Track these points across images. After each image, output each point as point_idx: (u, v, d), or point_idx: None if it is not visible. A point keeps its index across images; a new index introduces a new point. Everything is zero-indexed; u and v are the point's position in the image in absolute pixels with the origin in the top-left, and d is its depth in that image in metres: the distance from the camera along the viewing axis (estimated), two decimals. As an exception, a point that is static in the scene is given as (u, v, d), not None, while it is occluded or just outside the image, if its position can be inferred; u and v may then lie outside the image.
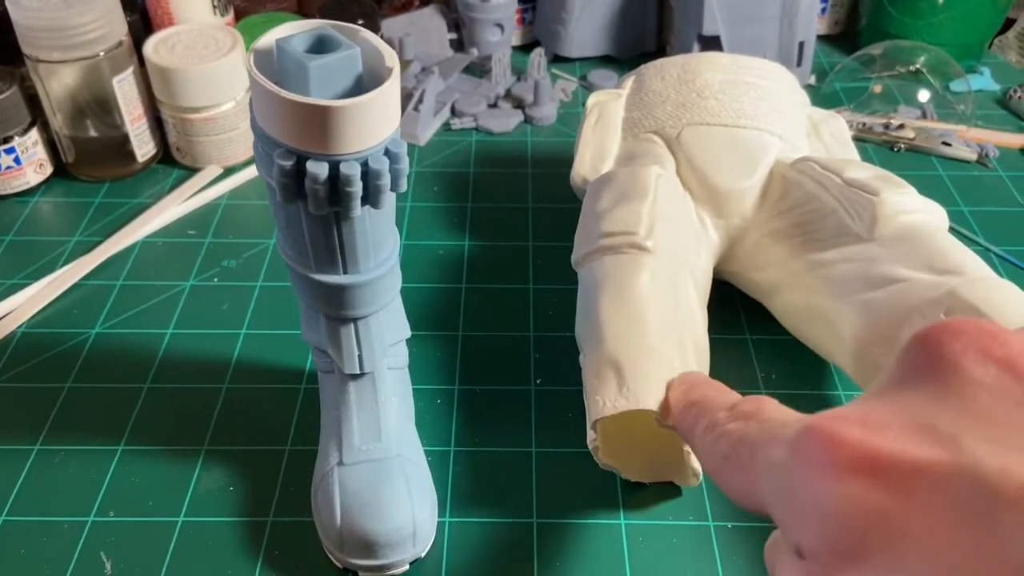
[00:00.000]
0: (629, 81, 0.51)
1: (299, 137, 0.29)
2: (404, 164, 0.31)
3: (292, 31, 0.30)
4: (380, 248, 0.35)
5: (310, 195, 0.30)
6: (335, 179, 0.30)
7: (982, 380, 0.16)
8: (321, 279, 0.34)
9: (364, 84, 0.30)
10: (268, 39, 0.30)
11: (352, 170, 0.29)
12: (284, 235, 0.35)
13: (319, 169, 0.29)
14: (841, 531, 0.16)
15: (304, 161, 0.29)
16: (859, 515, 0.16)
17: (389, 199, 0.32)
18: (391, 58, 0.30)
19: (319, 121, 0.28)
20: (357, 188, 0.30)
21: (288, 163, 0.29)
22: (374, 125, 0.29)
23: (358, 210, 0.31)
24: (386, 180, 0.31)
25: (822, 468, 0.16)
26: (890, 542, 0.15)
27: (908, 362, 0.18)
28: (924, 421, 0.16)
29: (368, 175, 0.30)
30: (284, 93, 0.28)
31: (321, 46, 0.30)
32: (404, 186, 0.32)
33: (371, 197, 0.31)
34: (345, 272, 0.34)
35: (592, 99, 0.51)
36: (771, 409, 0.22)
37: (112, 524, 0.38)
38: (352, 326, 0.36)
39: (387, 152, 0.31)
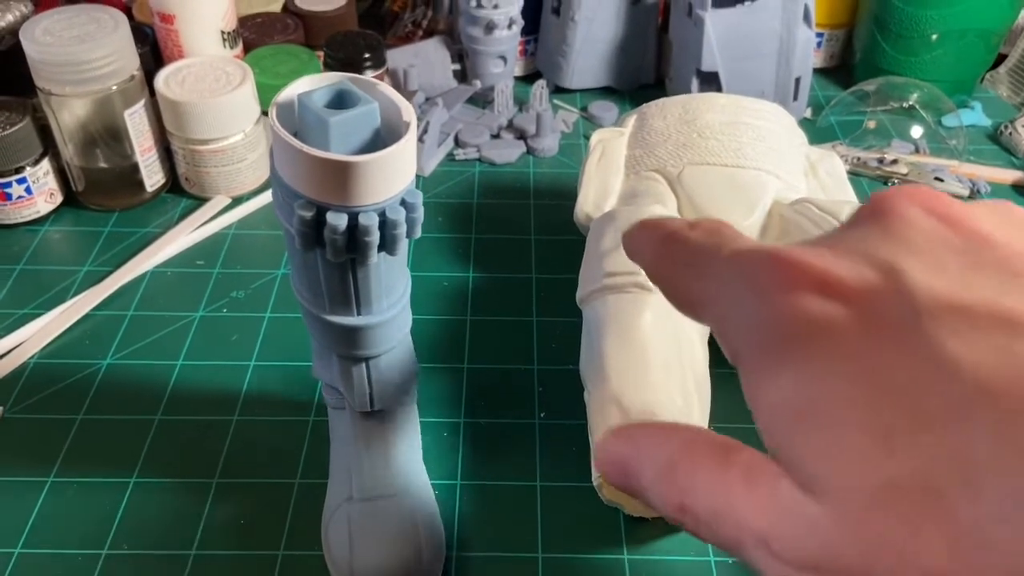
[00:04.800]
0: (631, 119, 0.52)
1: (319, 189, 0.30)
2: (419, 213, 0.32)
3: (313, 85, 0.32)
4: (392, 291, 0.36)
5: (328, 244, 0.31)
6: (353, 229, 0.31)
7: (922, 227, 0.19)
8: (335, 320, 0.35)
9: (382, 137, 0.31)
10: (289, 93, 0.31)
11: (370, 221, 0.30)
12: (299, 277, 0.36)
13: (338, 220, 0.30)
14: (783, 331, 0.18)
15: (324, 211, 0.30)
16: (802, 319, 0.18)
17: (404, 245, 0.33)
18: (407, 112, 0.31)
19: (340, 175, 0.29)
20: (375, 238, 0.31)
21: (308, 214, 0.30)
22: (392, 178, 0.30)
23: (375, 258, 0.32)
24: (402, 229, 0.32)
25: (779, 283, 0.19)
26: (822, 345, 0.18)
27: (860, 214, 0.20)
28: (868, 252, 0.19)
29: (385, 225, 0.31)
30: (306, 148, 0.29)
31: (341, 100, 0.31)
32: (419, 233, 0.33)
33: (387, 245, 0.32)
34: (359, 314, 0.35)
35: (595, 137, 0.52)
36: (729, 229, 0.23)
37: (126, 557, 0.39)
38: (364, 365, 0.37)
39: (403, 202, 0.32)
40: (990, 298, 0.17)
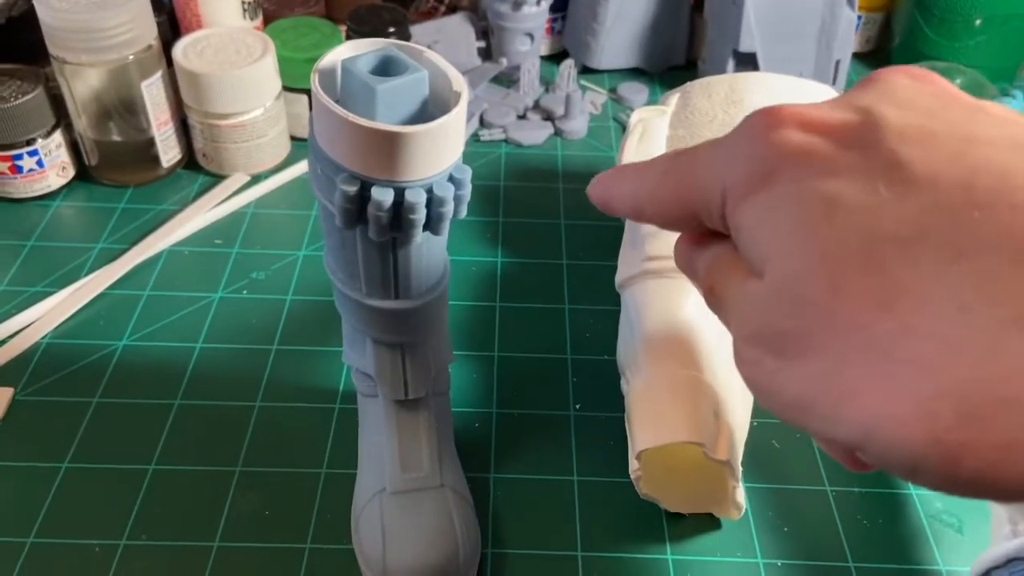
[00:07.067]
0: (674, 98, 0.50)
1: (365, 163, 0.28)
2: (467, 190, 0.30)
3: (356, 50, 0.29)
4: (433, 273, 0.34)
5: (372, 221, 0.29)
6: (399, 206, 0.29)
7: (900, 83, 0.21)
8: (372, 303, 0.33)
9: (429, 108, 0.29)
10: (332, 59, 0.29)
11: (418, 198, 0.28)
12: (335, 257, 0.34)
13: (384, 196, 0.28)
14: (768, 159, 0.20)
15: (368, 187, 0.28)
16: (784, 148, 0.20)
17: (448, 225, 0.31)
18: (458, 82, 0.29)
19: (387, 147, 0.27)
20: (421, 216, 0.29)
21: (352, 189, 0.28)
22: (441, 151, 0.28)
23: (419, 237, 0.30)
24: (450, 207, 0.30)
25: (767, 124, 0.21)
26: (799, 166, 0.19)
27: (852, 87, 0.22)
28: (850, 102, 0.21)
29: (432, 202, 0.29)
30: (352, 118, 0.27)
31: (387, 68, 0.29)
32: (465, 213, 0.31)
33: (433, 224, 0.30)
34: (397, 297, 0.33)
35: (636, 116, 0.50)
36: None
37: (145, 548, 0.37)
38: (400, 351, 0.35)
39: (451, 178, 0.30)
40: (954, 124, 0.19)
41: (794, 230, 0.19)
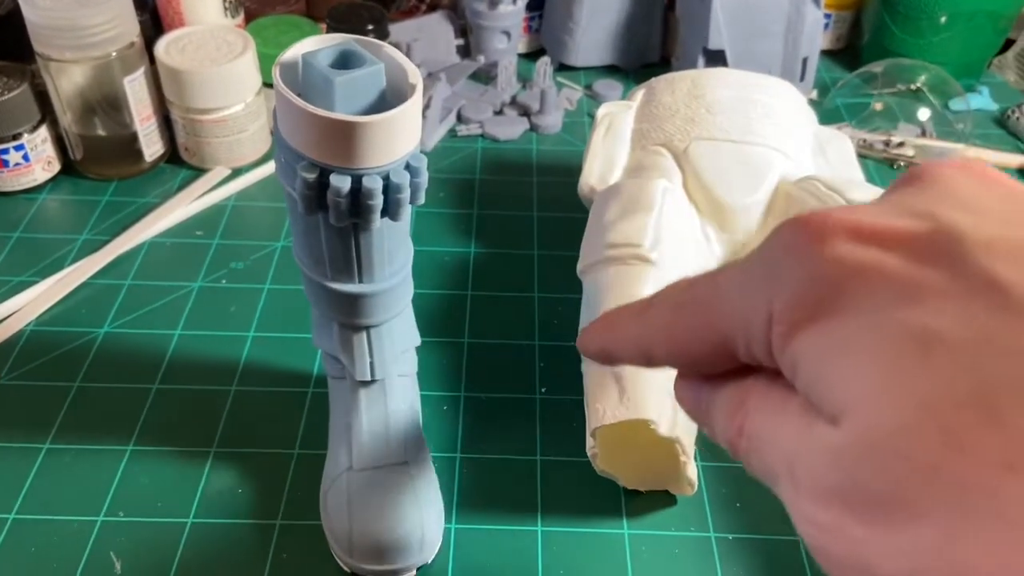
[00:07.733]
0: (639, 93, 0.52)
1: (323, 151, 0.29)
2: (424, 178, 0.32)
3: (317, 45, 0.31)
4: (395, 258, 0.35)
5: (332, 207, 0.31)
6: (357, 192, 0.30)
7: (959, 182, 0.18)
8: (336, 287, 0.35)
9: (387, 99, 0.31)
10: (294, 53, 0.31)
11: (374, 184, 0.30)
12: (301, 244, 0.35)
13: (342, 183, 0.30)
14: (817, 281, 0.17)
15: (327, 174, 0.30)
16: (838, 265, 0.17)
17: (407, 211, 0.33)
18: (414, 74, 0.31)
19: (344, 136, 0.29)
20: (378, 201, 0.31)
21: (312, 176, 0.30)
22: (397, 140, 0.30)
23: (378, 222, 0.32)
24: (406, 194, 0.31)
25: (811, 235, 0.17)
26: (861, 286, 0.16)
27: (894, 184, 0.20)
28: (905, 205, 0.18)
29: (389, 189, 0.31)
30: (311, 108, 0.28)
31: (346, 61, 0.31)
32: (422, 199, 0.33)
33: (391, 210, 0.32)
34: (360, 281, 0.35)
35: (602, 110, 0.51)
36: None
37: (122, 524, 0.39)
38: (365, 334, 0.37)
39: (408, 166, 0.31)
40: None
41: (884, 371, 0.16)
